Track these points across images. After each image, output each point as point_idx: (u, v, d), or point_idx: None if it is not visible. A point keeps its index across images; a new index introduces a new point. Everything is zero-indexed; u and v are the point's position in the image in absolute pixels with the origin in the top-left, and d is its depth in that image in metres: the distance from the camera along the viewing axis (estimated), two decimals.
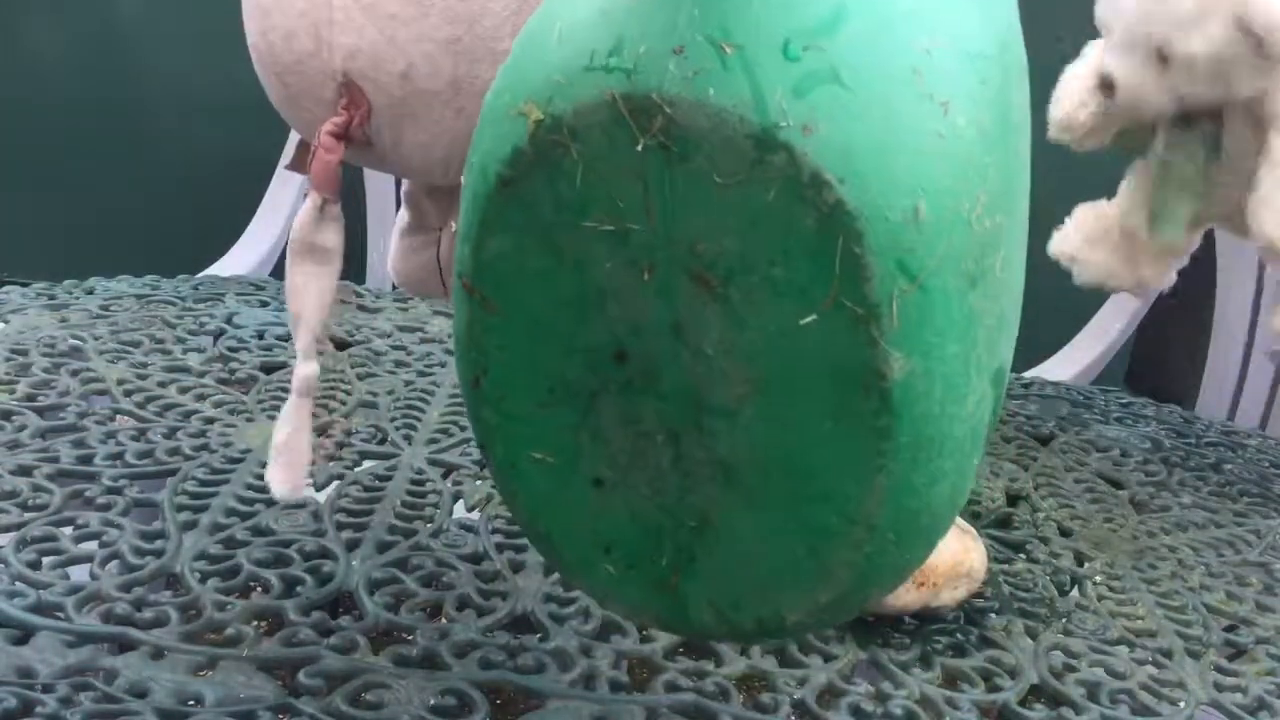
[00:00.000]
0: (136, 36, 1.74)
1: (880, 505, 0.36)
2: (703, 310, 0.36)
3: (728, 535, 0.39)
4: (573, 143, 0.35)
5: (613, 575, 0.41)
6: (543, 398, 0.40)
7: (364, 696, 0.51)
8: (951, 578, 0.63)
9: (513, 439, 0.41)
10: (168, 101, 1.75)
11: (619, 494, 0.40)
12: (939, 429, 0.36)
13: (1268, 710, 0.62)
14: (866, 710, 0.56)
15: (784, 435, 0.37)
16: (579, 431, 0.40)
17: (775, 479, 0.37)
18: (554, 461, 0.40)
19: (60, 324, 0.90)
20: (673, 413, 0.38)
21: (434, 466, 0.75)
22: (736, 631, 0.42)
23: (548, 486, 0.41)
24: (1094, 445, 0.97)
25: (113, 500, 0.65)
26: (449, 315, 1.05)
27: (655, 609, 0.42)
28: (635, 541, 0.40)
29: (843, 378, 0.35)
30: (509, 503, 0.43)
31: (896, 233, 0.33)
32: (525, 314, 0.39)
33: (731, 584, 0.40)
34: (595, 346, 0.38)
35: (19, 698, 0.47)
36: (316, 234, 0.49)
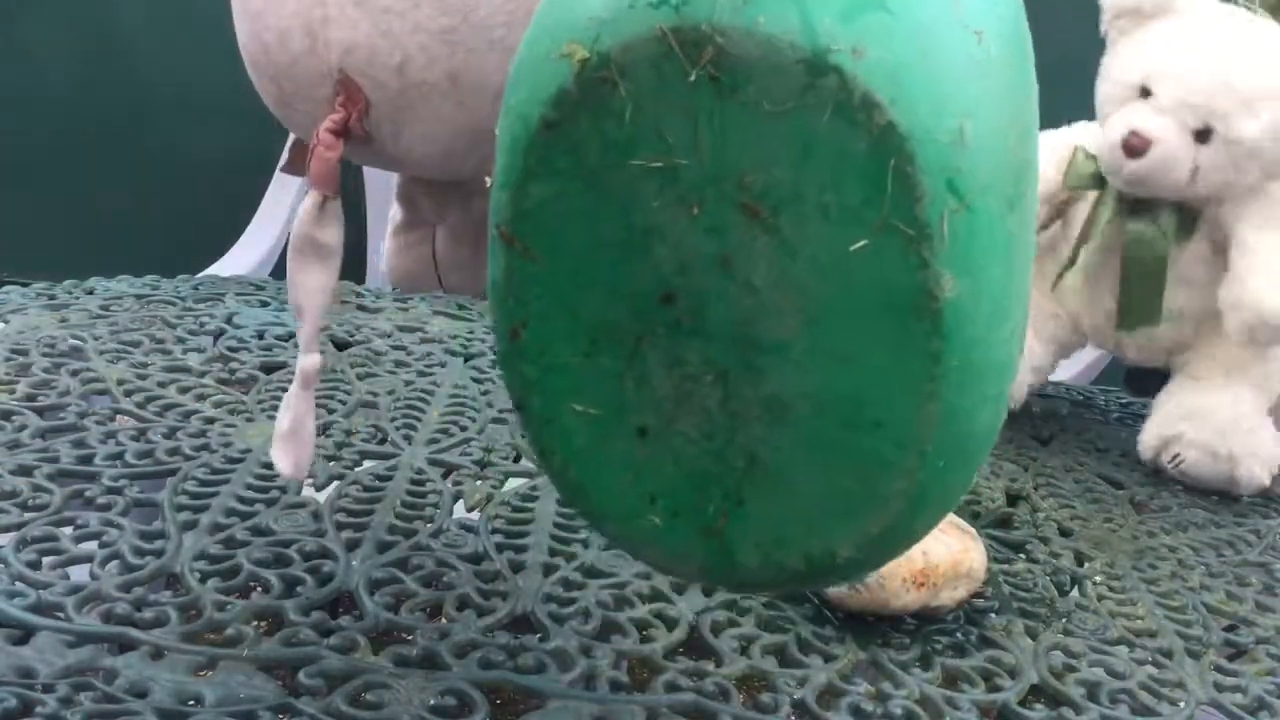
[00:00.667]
0: (136, 37, 1.74)
1: (931, 430, 0.37)
2: (752, 243, 0.36)
3: (777, 474, 0.39)
4: (621, 80, 0.35)
5: (657, 525, 0.41)
6: (585, 347, 0.39)
7: (364, 696, 0.51)
8: (951, 578, 0.63)
9: (553, 392, 0.40)
10: (168, 102, 1.75)
11: (664, 441, 0.40)
12: (984, 353, 0.37)
13: (1268, 710, 0.62)
14: (866, 710, 0.56)
15: (835, 366, 0.37)
16: (623, 380, 0.39)
17: (826, 411, 0.38)
18: (597, 413, 0.40)
19: (60, 324, 0.90)
20: (721, 352, 0.38)
21: (434, 466, 0.75)
22: (784, 572, 0.41)
23: (589, 439, 0.41)
24: (1094, 445, 0.97)
25: (113, 500, 0.65)
26: (449, 315, 1.05)
27: (700, 557, 0.41)
28: (681, 489, 0.40)
29: (894, 302, 0.35)
30: (544, 459, 0.42)
31: (945, 153, 0.34)
32: (568, 261, 0.38)
33: (780, 523, 0.40)
34: (641, 289, 0.38)
35: (19, 698, 0.47)
36: (317, 230, 0.49)
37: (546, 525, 0.69)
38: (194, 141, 1.75)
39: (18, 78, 1.77)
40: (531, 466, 0.77)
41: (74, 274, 1.02)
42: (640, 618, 0.61)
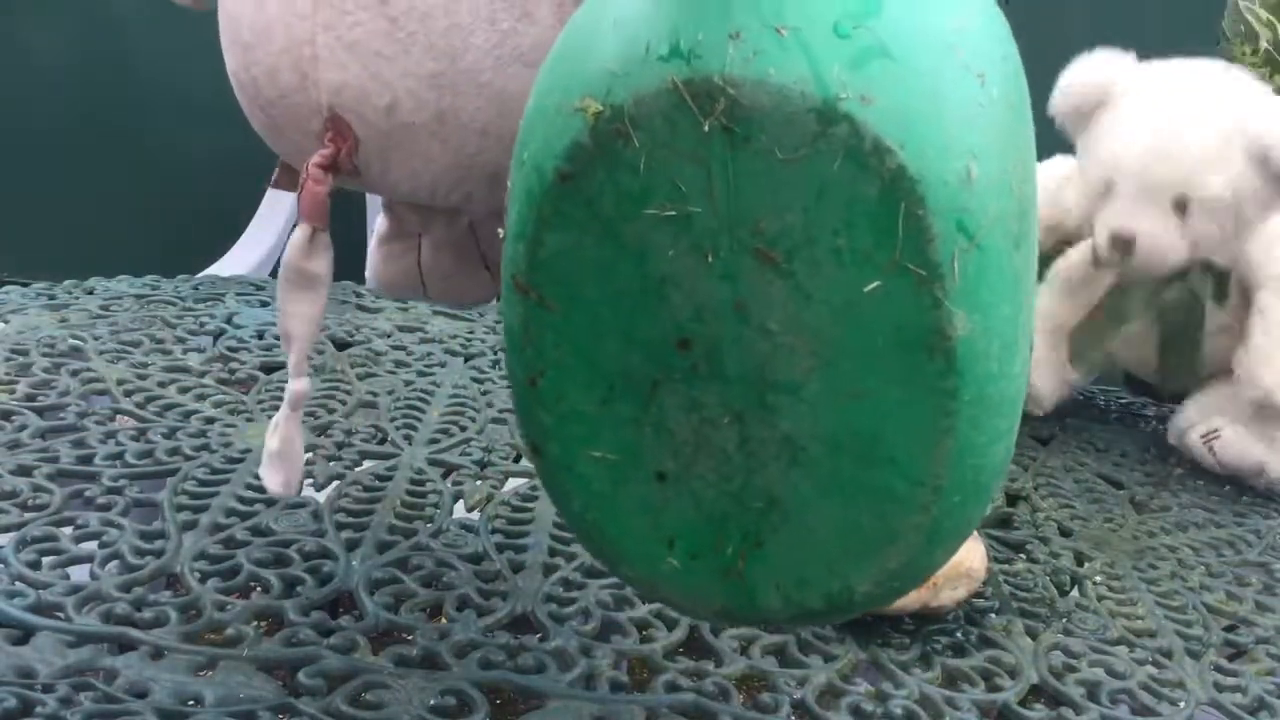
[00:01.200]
0: (136, 38, 1.74)
1: (946, 466, 0.37)
2: (767, 288, 0.37)
3: (795, 513, 0.39)
4: (634, 131, 0.36)
5: (676, 568, 0.41)
6: (603, 394, 0.40)
7: (364, 696, 0.51)
8: (951, 578, 0.63)
9: (570, 439, 0.41)
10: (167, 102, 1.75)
11: (683, 484, 0.40)
12: (997, 388, 0.37)
13: (1268, 710, 0.62)
14: (866, 710, 0.56)
15: (850, 405, 0.38)
16: (640, 425, 0.40)
17: (841, 450, 0.38)
18: (615, 458, 0.40)
19: (60, 324, 0.90)
20: (737, 395, 0.38)
21: (434, 466, 0.75)
22: (805, 612, 0.41)
23: (607, 484, 0.41)
24: (1094, 445, 0.97)
25: (113, 500, 0.65)
26: (449, 315, 1.05)
27: (720, 598, 0.42)
28: (700, 531, 0.41)
29: (907, 342, 0.36)
30: (562, 504, 0.43)
31: (954, 194, 0.35)
32: (584, 310, 0.39)
33: (799, 563, 0.40)
34: (657, 336, 0.38)
35: (19, 698, 0.47)
36: (307, 262, 0.50)
37: (546, 525, 0.69)
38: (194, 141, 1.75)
39: (18, 78, 1.77)
40: (531, 466, 0.77)
41: (74, 274, 1.02)
42: (640, 618, 0.61)
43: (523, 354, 0.40)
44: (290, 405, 0.52)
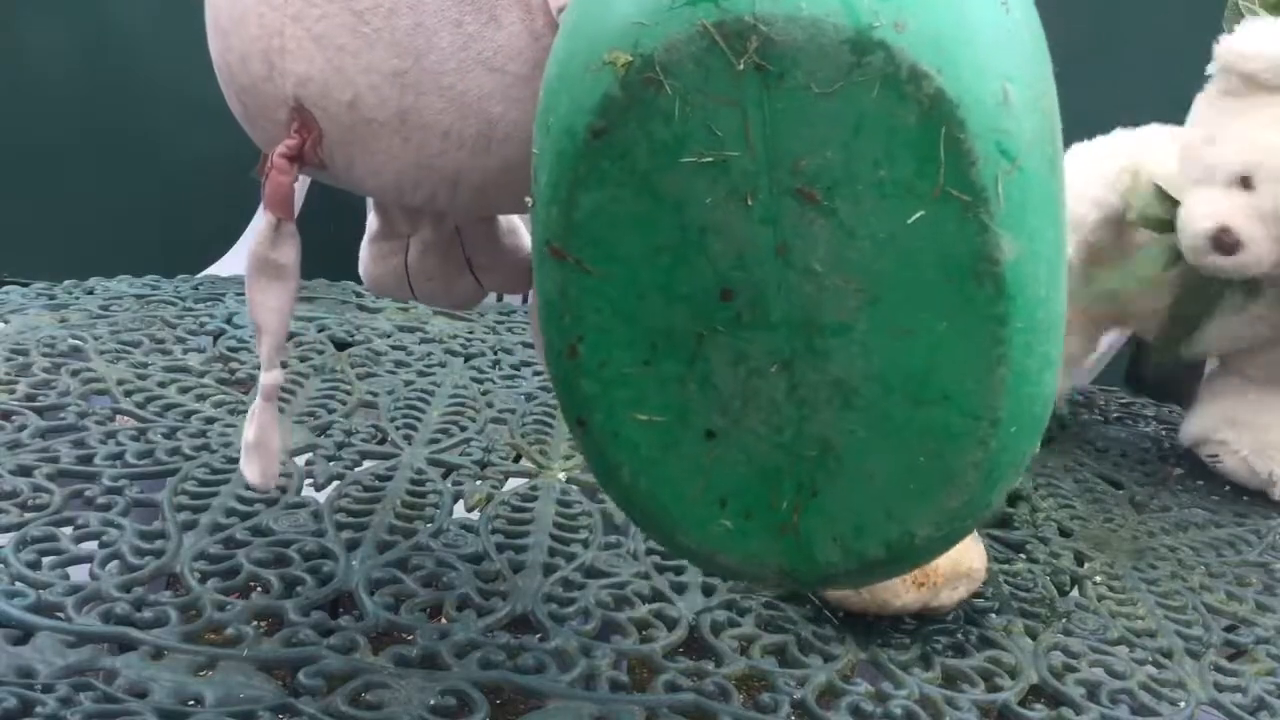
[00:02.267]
0: (136, 37, 1.74)
1: (1002, 397, 0.37)
2: (809, 228, 0.37)
3: (850, 459, 0.39)
4: (666, 79, 0.36)
5: (729, 529, 0.41)
6: (645, 355, 0.39)
7: (364, 696, 0.51)
8: (951, 578, 0.63)
9: (615, 405, 0.40)
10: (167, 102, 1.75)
11: (733, 441, 0.40)
12: (1046, 313, 0.37)
13: (1268, 710, 0.62)
14: (866, 710, 0.56)
15: (900, 343, 0.37)
16: (686, 383, 0.39)
17: (895, 389, 0.38)
18: (662, 420, 0.40)
19: (60, 324, 0.90)
20: (784, 341, 0.38)
21: (434, 466, 0.75)
22: (866, 563, 0.41)
23: (655, 448, 0.40)
24: (1094, 445, 0.97)
25: (113, 500, 0.65)
26: (449, 316, 1.05)
27: (776, 557, 0.41)
28: (752, 488, 0.40)
29: (955, 270, 0.36)
30: (610, 474, 0.42)
31: (992, 116, 0.35)
32: (623, 269, 0.38)
33: (856, 511, 0.40)
34: (699, 289, 0.38)
35: (19, 698, 0.47)
36: (273, 251, 0.50)
37: (546, 525, 0.69)
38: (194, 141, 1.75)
39: (18, 78, 1.77)
40: (531, 466, 0.77)
41: (74, 274, 1.02)
42: (640, 618, 0.61)
43: (561, 322, 0.40)
44: (264, 396, 0.52)
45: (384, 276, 0.59)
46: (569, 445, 0.81)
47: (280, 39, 0.46)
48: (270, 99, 0.48)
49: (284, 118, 0.48)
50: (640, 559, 0.67)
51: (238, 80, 0.49)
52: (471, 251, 0.58)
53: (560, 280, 0.39)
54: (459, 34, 0.45)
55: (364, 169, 0.49)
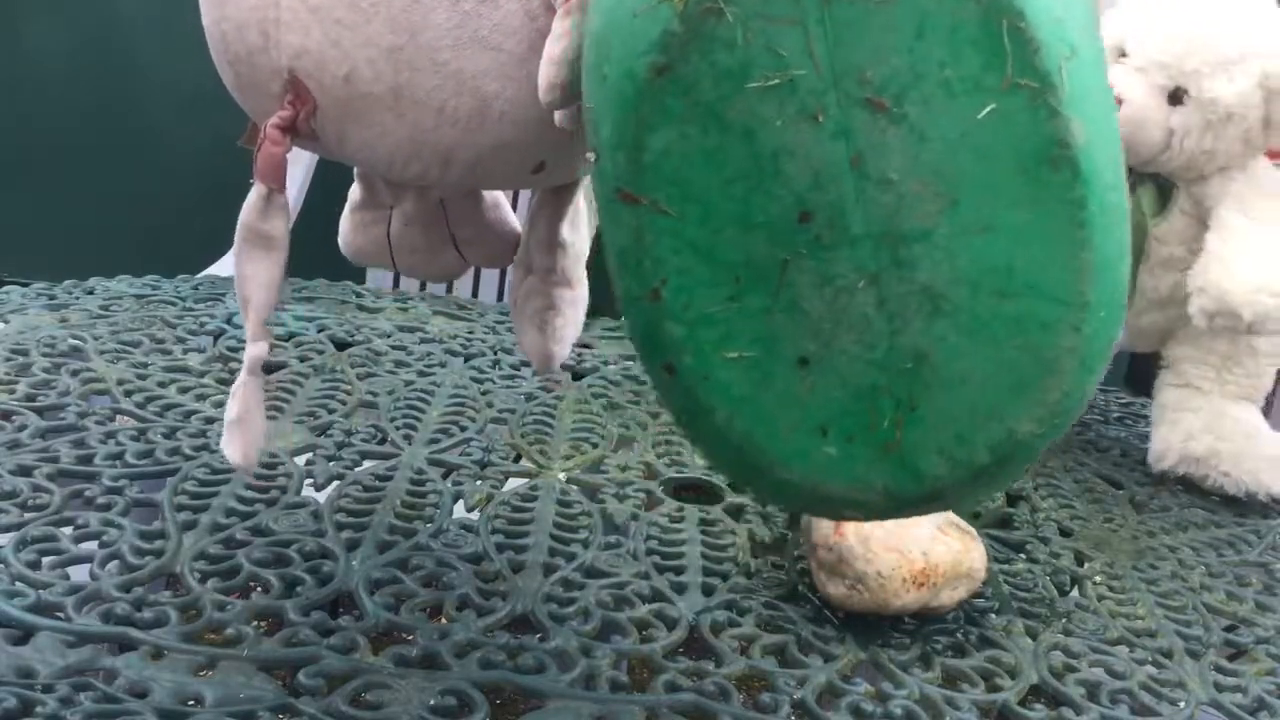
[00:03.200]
0: (136, 37, 1.74)
1: (1089, 281, 0.38)
2: (881, 137, 0.37)
3: (946, 366, 0.39)
4: (726, 6, 0.36)
5: (832, 457, 0.41)
6: (730, 290, 0.39)
7: (364, 696, 0.51)
8: (951, 578, 0.63)
9: (703, 346, 0.40)
10: (168, 102, 1.75)
11: (826, 365, 0.40)
12: (1115, 198, 0.38)
13: (1268, 710, 0.62)
14: (866, 710, 0.56)
15: (983, 240, 0.38)
16: (774, 313, 0.39)
17: (982, 288, 0.38)
18: (753, 354, 0.40)
19: (60, 324, 0.90)
20: (868, 255, 0.38)
21: (434, 466, 0.75)
22: (972, 471, 0.41)
23: (749, 385, 0.40)
24: (1094, 445, 0.97)
25: (113, 500, 0.65)
26: (449, 315, 1.05)
27: (881, 478, 0.41)
28: (851, 411, 0.40)
29: (1030, 161, 0.37)
30: (703, 420, 0.42)
31: (1049, 5, 0.36)
32: (699, 206, 0.38)
33: (957, 418, 0.40)
34: (777, 215, 0.38)
35: (19, 698, 0.47)
36: (262, 222, 0.50)
37: (546, 525, 0.69)
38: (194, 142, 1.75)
39: (18, 78, 1.77)
40: (531, 466, 0.77)
41: (74, 274, 1.02)
42: (640, 618, 0.61)
43: (640, 269, 0.39)
44: (248, 370, 0.52)
45: (365, 246, 0.59)
46: (569, 445, 0.81)
47: (276, 10, 0.46)
48: (264, 70, 0.48)
49: (277, 89, 0.48)
50: (640, 559, 0.67)
51: (232, 49, 0.49)
52: (455, 225, 0.58)
53: (635, 225, 0.39)
54: (455, 11, 0.45)
55: (357, 143, 0.49)
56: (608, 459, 0.80)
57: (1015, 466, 0.42)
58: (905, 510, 0.44)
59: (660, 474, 0.79)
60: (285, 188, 0.50)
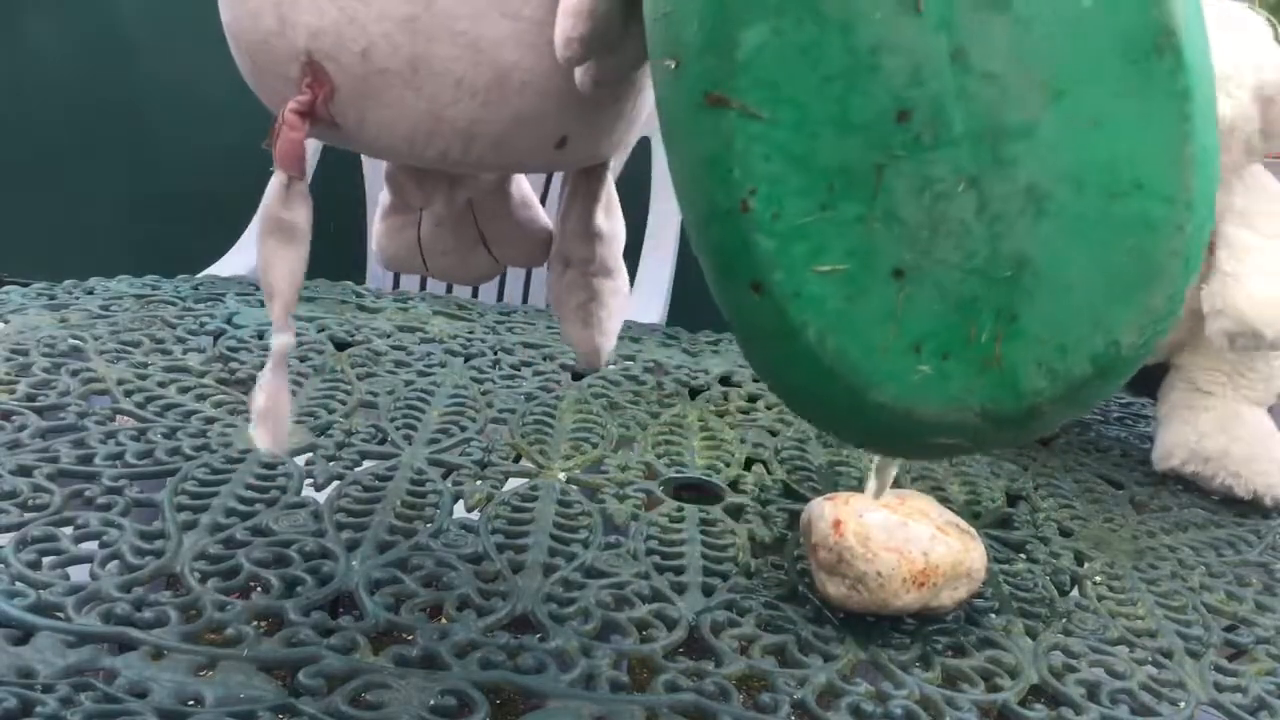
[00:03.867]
0: (136, 37, 1.74)
1: (1192, 176, 0.37)
2: (985, 27, 0.36)
3: (1048, 273, 0.38)
4: None
5: (928, 374, 0.39)
6: (823, 198, 0.38)
7: (364, 696, 0.51)
8: (951, 578, 0.63)
9: (794, 261, 0.38)
10: (168, 102, 1.75)
11: (924, 275, 0.38)
12: (1210, 91, 0.37)
13: (1268, 710, 0.62)
14: (866, 710, 0.56)
15: (1088, 136, 0.37)
16: (868, 222, 0.38)
17: (1087, 186, 0.37)
18: (846, 267, 0.38)
19: (60, 324, 0.90)
20: (969, 155, 0.37)
21: (434, 466, 0.75)
22: (1073, 384, 0.39)
23: (841, 300, 0.38)
24: (1094, 445, 0.97)
25: (113, 500, 0.65)
26: (449, 315, 1.05)
27: (979, 397, 0.40)
28: (948, 324, 0.39)
29: (1135, 49, 0.36)
30: (791, 343, 0.40)
31: None
32: (792, 108, 0.37)
33: (1059, 328, 0.38)
34: (874, 115, 0.37)
35: (19, 698, 0.47)
36: (285, 211, 0.50)
37: (546, 525, 0.69)
38: (194, 141, 1.75)
39: (19, 78, 1.77)
40: (531, 466, 0.77)
41: (74, 274, 1.02)
42: (640, 618, 0.61)
43: (728, 179, 0.38)
44: (274, 361, 0.52)
45: (398, 251, 0.59)
46: (569, 445, 0.81)
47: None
48: (281, 54, 0.47)
49: (295, 74, 0.48)
50: (640, 559, 0.67)
51: (248, 37, 0.48)
52: (485, 225, 0.58)
53: (724, 131, 0.37)
54: None
55: (376, 124, 0.48)
56: (608, 459, 0.80)
57: (1114, 379, 0.40)
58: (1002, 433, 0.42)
59: (660, 474, 0.79)
60: (305, 175, 0.49)
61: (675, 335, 1.10)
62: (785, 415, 0.93)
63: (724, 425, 0.90)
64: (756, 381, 0.99)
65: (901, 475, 0.85)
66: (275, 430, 0.52)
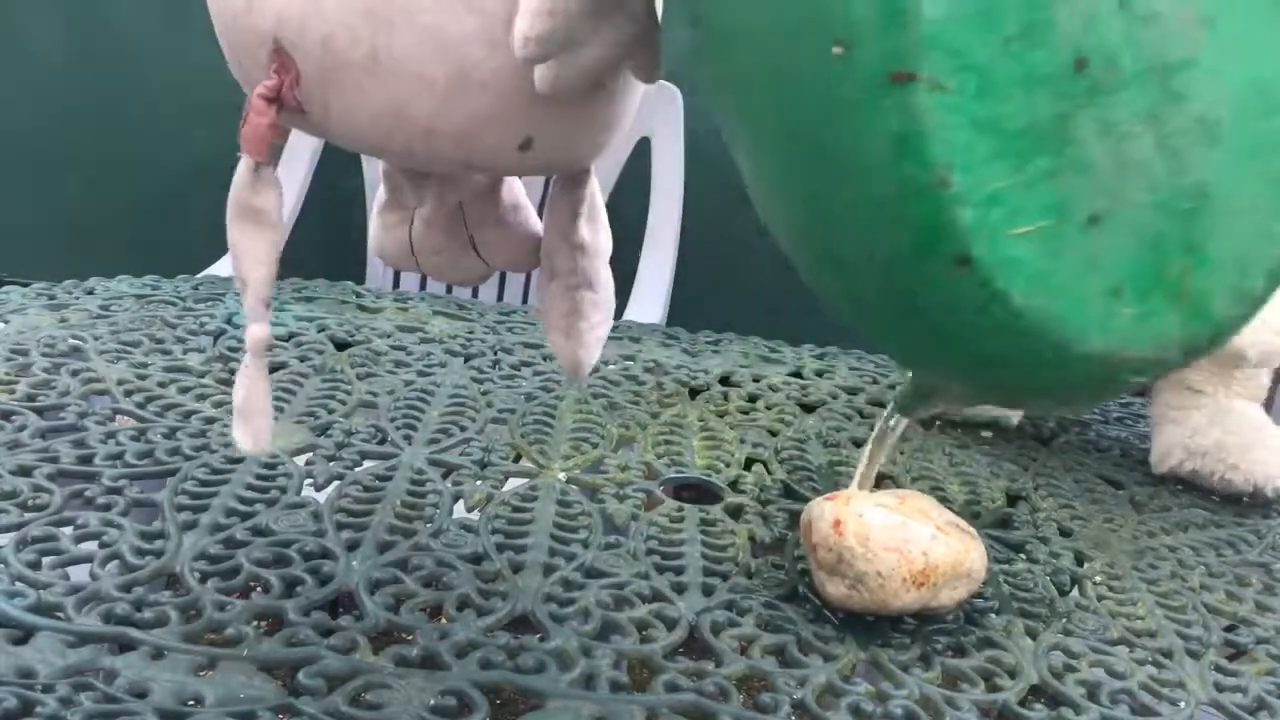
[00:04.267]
0: (136, 36, 1.74)
1: None
2: None
3: (1225, 198, 0.40)
4: None
5: (1130, 316, 0.40)
6: (1015, 161, 0.38)
7: (364, 696, 0.51)
8: (951, 578, 0.63)
9: (995, 229, 0.38)
10: (168, 102, 1.75)
11: (1116, 219, 0.39)
12: None
13: (1268, 710, 0.62)
14: (866, 710, 0.56)
15: (1248, 59, 0.39)
16: (1061, 174, 0.38)
17: (1250, 108, 0.39)
18: (1045, 224, 0.39)
19: (60, 324, 0.90)
20: (1142, 94, 0.38)
21: (434, 466, 0.75)
22: (1255, 302, 0.41)
23: (1044, 258, 0.39)
24: (1094, 445, 0.97)
25: (113, 500, 0.65)
26: (449, 315, 1.05)
27: (1178, 329, 0.41)
28: (1142, 264, 0.40)
29: None
30: (993, 309, 0.40)
31: None
32: (977, 73, 0.37)
33: (1239, 251, 0.40)
34: (1054, 68, 0.37)
35: (19, 698, 0.47)
36: (253, 196, 0.49)
37: (546, 525, 0.69)
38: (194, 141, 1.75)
39: (19, 78, 1.77)
40: (531, 466, 0.77)
41: (74, 274, 1.02)
42: (640, 618, 0.61)
43: (923, 155, 0.37)
44: (251, 353, 0.51)
45: (391, 248, 0.59)
46: (569, 445, 0.81)
47: None
48: (250, 36, 0.47)
49: (264, 58, 0.47)
50: (640, 559, 0.67)
51: (222, 18, 0.48)
52: (475, 228, 0.57)
53: (915, 108, 0.37)
54: None
55: (340, 113, 0.48)
56: (608, 459, 0.80)
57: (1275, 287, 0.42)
58: (1190, 359, 0.43)
59: (660, 474, 0.79)
60: (272, 161, 0.49)
61: (675, 335, 1.10)
62: (785, 415, 0.93)
63: (724, 425, 0.90)
64: (756, 381, 0.99)
65: (901, 475, 0.85)
66: (256, 427, 0.52)
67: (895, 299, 0.42)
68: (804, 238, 0.43)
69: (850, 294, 0.44)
